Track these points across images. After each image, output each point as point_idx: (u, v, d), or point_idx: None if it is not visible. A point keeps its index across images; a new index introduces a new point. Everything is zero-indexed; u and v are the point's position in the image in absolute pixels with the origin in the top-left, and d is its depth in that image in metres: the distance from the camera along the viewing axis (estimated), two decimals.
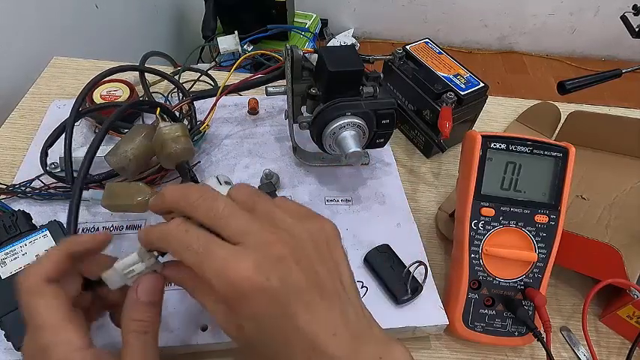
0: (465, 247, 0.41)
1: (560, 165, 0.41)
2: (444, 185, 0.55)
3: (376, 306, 0.40)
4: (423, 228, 0.50)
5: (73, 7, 0.85)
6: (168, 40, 1.33)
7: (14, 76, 0.65)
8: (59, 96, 0.59)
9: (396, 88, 0.58)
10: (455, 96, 0.51)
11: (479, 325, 0.41)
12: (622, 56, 2.11)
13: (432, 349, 0.42)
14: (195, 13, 1.39)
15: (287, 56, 0.44)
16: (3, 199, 0.45)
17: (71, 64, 0.65)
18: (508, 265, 0.41)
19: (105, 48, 0.98)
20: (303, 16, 1.68)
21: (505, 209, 0.41)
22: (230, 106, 0.57)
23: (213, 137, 0.53)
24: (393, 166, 0.52)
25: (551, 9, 1.97)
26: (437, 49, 0.58)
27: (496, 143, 0.41)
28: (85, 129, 0.53)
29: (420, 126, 0.54)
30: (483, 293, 0.41)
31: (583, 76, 0.76)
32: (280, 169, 0.50)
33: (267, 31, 0.72)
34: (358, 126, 0.43)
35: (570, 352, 0.43)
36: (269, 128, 0.55)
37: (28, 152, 0.50)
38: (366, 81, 0.45)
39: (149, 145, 0.43)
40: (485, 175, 0.41)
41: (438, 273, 0.46)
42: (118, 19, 1.03)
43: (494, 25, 2.06)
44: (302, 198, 0.48)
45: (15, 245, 0.38)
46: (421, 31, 2.03)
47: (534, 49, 2.15)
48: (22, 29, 0.70)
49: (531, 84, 2.02)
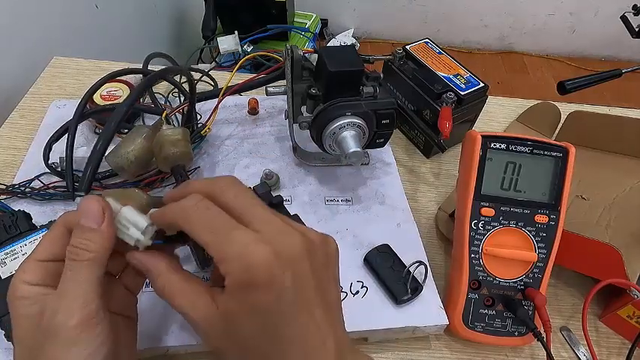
0: (465, 247, 0.41)
1: (560, 165, 0.41)
2: (444, 185, 0.55)
3: (376, 306, 0.40)
4: (423, 228, 0.50)
5: (73, 7, 0.85)
6: (168, 40, 1.33)
7: (14, 76, 0.65)
8: (59, 96, 0.59)
9: (396, 88, 0.58)
10: (455, 96, 0.51)
11: (479, 325, 0.41)
12: (622, 56, 2.11)
13: (432, 349, 0.42)
14: (195, 13, 1.39)
15: (287, 56, 0.44)
16: (3, 199, 0.45)
17: (71, 64, 0.65)
18: (508, 265, 0.41)
19: (105, 48, 0.98)
20: (303, 16, 1.68)
21: (505, 209, 0.41)
22: (230, 107, 0.57)
23: (214, 137, 0.53)
24: (393, 166, 0.53)
25: (551, 9, 1.97)
26: (437, 49, 0.58)
27: (496, 143, 0.41)
28: (86, 129, 0.53)
29: (420, 126, 0.54)
30: (483, 293, 0.41)
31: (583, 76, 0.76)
32: (280, 169, 0.50)
33: (267, 31, 0.72)
34: (358, 126, 0.43)
35: (570, 352, 0.43)
36: (269, 128, 0.55)
37: (28, 152, 0.50)
38: (366, 81, 0.45)
39: (150, 147, 0.43)
40: (486, 175, 0.41)
41: (438, 273, 0.46)
42: (118, 19, 1.03)
43: (494, 25, 2.06)
44: (302, 198, 0.48)
45: (15, 245, 0.38)
46: (421, 31, 2.03)
47: (534, 49, 2.15)
48: (22, 29, 0.70)
49: (531, 84, 2.02)
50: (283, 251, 0.24)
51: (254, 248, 0.24)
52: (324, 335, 0.26)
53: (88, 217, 0.26)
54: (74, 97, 0.58)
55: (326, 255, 0.27)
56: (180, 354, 0.38)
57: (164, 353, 0.38)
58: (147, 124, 0.54)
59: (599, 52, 2.12)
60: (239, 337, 0.25)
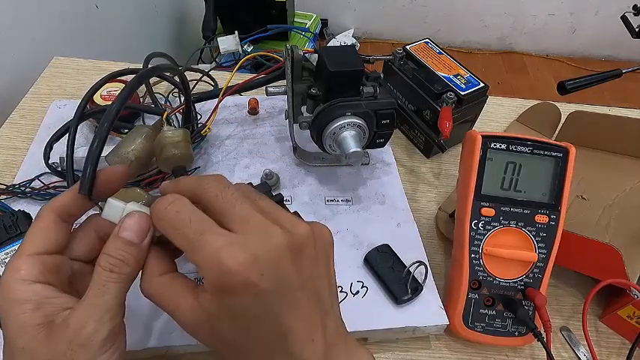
0: (465, 247, 0.41)
1: (561, 165, 0.41)
2: (444, 185, 0.55)
3: (376, 306, 0.40)
4: (423, 228, 0.50)
5: (73, 7, 0.85)
6: (168, 40, 1.33)
7: (14, 76, 0.65)
8: (59, 96, 0.59)
9: (396, 88, 0.58)
10: (455, 96, 0.51)
11: (479, 325, 0.41)
12: (622, 56, 2.11)
13: (432, 349, 0.42)
14: (195, 13, 1.39)
15: (287, 56, 0.44)
16: (3, 199, 0.45)
17: (71, 64, 0.65)
18: (508, 265, 0.41)
19: (105, 48, 0.98)
20: (303, 16, 1.68)
21: (505, 209, 0.41)
22: (230, 107, 0.57)
23: (214, 137, 0.53)
24: (393, 166, 0.53)
25: (551, 9, 1.97)
26: (437, 49, 0.58)
27: (496, 143, 0.41)
28: (86, 129, 0.53)
29: (420, 126, 0.54)
30: (483, 293, 0.41)
31: (583, 76, 0.76)
32: (280, 169, 0.50)
33: (267, 31, 0.72)
34: (358, 126, 0.43)
35: (570, 352, 0.43)
36: (269, 128, 0.55)
37: (28, 152, 0.50)
38: (366, 81, 0.45)
39: (150, 147, 0.43)
40: (486, 175, 0.41)
41: (438, 273, 0.46)
42: (118, 20, 1.03)
43: (495, 25, 2.06)
44: (302, 198, 0.48)
45: (15, 245, 0.38)
46: (421, 31, 2.03)
47: (534, 49, 2.15)
48: (22, 29, 0.70)
49: (531, 84, 2.03)
50: (260, 253, 0.24)
51: (227, 253, 0.23)
52: (312, 330, 0.25)
53: (132, 230, 0.26)
54: (74, 97, 0.59)
55: (314, 248, 0.26)
56: (180, 354, 0.38)
57: (164, 353, 0.38)
58: (147, 124, 0.54)
59: (599, 52, 2.12)
60: (223, 337, 0.25)
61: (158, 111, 0.52)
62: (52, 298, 0.25)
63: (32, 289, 0.25)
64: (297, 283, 0.25)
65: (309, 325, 0.25)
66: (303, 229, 0.26)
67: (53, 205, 0.27)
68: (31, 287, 0.25)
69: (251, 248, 0.24)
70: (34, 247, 0.26)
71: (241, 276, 0.23)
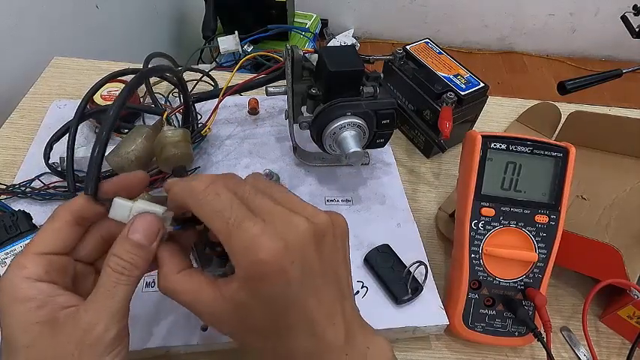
0: (465, 247, 0.41)
1: (561, 165, 0.41)
2: (444, 185, 0.55)
3: (376, 306, 0.40)
4: (423, 228, 0.50)
5: (73, 7, 0.85)
6: (168, 40, 1.33)
7: (14, 76, 0.65)
8: (59, 96, 0.59)
9: (396, 88, 0.58)
10: (455, 96, 0.51)
11: (479, 325, 0.41)
12: (622, 56, 2.11)
13: (432, 349, 0.42)
14: (196, 13, 1.39)
15: (287, 56, 0.44)
16: (3, 199, 0.45)
17: (71, 64, 0.65)
18: (508, 265, 0.41)
19: (105, 48, 0.98)
20: (303, 16, 1.68)
21: (505, 209, 0.41)
22: (230, 107, 0.57)
23: (214, 137, 0.53)
24: (393, 166, 0.53)
25: (551, 9, 1.98)
26: (437, 49, 0.58)
27: (496, 143, 0.41)
28: (86, 129, 0.53)
29: (420, 126, 0.54)
30: (483, 293, 0.41)
31: (583, 76, 0.76)
32: (280, 169, 0.50)
33: (267, 31, 0.72)
34: (358, 126, 0.43)
35: (570, 352, 0.43)
36: (269, 128, 0.55)
37: (28, 152, 0.50)
38: (367, 81, 0.45)
39: (150, 147, 0.44)
40: (486, 175, 0.41)
41: (438, 273, 0.46)
42: (118, 20, 1.03)
43: (495, 25, 2.06)
44: (302, 198, 0.48)
45: (15, 245, 0.38)
46: (421, 31, 2.03)
47: (534, 49, 2.15)
48: (22, 29, 0.70)
49: (531, 84, 2.02)
50: (290, 242, 0.24)
51: (262, 241, 0.23)
52: (333, 314, 0.26)
53: (142, 232, 0.26)
54: (74, 97, 0.59)
55: (333, 236, 0.27)
56: (180, 354, 0.38)
57: (164, 353, 0.38)
58: (147, 124, 0.54)
59: (599, 52, 2.12)
60: (252, 325, 0.26)
61: (158, 111, 0.52)
62: (55, 296, 0.25)
63: (36, 287, 0.25)
64: (320, 270, 0.26)
65: (330, 310, 0.26)
66: (323, 217, 0.27)
67: (70, 206, 0.27)
68: (35, 285, 0.25)
69: (283, 237, 0.24)
70: (43, 247, 0.26)
71: (276, 264, 0.23)
